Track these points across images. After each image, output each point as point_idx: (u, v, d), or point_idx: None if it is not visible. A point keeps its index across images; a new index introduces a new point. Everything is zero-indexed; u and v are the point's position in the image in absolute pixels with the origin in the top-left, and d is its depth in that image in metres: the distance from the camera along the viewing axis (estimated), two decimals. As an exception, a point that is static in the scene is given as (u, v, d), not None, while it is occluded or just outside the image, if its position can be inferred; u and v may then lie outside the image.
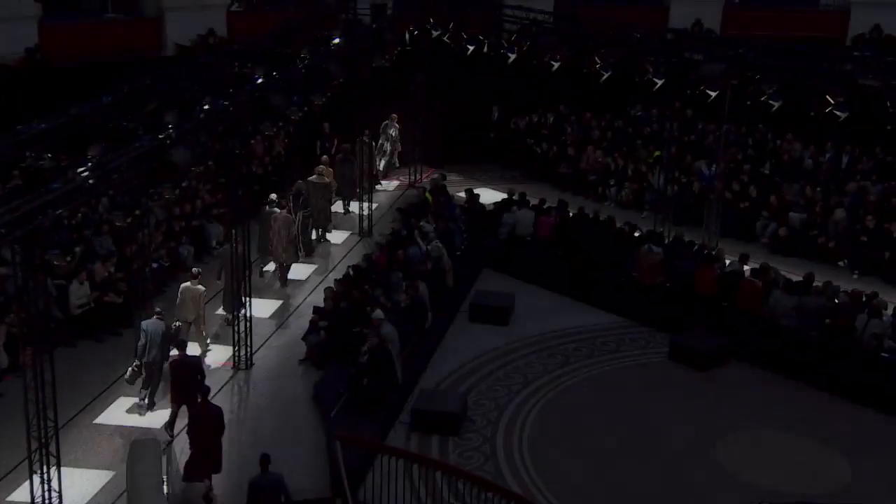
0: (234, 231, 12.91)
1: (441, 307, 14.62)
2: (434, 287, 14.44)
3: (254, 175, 17.75)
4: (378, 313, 12.42)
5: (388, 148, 20.64)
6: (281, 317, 14.79)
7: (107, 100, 12.79)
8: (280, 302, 15.32)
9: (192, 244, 16.16)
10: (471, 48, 18.34)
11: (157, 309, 12.27)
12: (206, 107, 12.19)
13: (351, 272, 14.41)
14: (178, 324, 12.55)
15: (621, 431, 11.95)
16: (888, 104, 13.04)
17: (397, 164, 20.81)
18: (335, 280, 14.38)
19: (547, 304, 15.52)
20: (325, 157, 18.22)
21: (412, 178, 20.83)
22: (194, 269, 13.21)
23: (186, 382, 10.98)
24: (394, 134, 20.53)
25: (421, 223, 15.97)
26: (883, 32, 19.84)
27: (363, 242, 17.69)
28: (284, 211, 15.70)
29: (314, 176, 17.38)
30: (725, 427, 11.96)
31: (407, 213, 16.85)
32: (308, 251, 16.76)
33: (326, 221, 17.72)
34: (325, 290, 13.97)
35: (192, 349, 12.85)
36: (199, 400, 10.47)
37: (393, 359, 12.11)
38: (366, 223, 18.09)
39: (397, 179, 21.18)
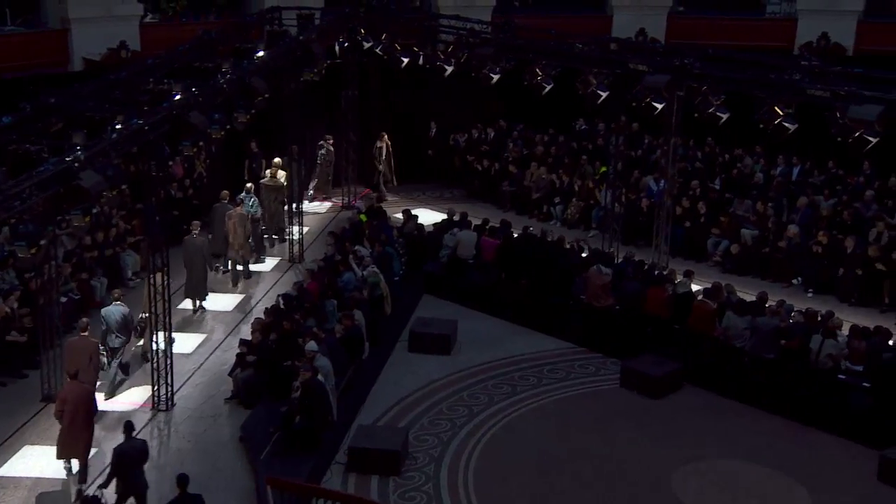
0: (151, 261, 12.72)
1: (379, 337, 14.58)
2: (371, 315, 14.41)
3: (173, 199, 17.56)
4: (311, 345, 12.33)
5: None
6: (204, 352, 14.59)
7: (7, 120, 12.52)
8: (203, 336, 15.11)
9: (105, 276, 15.86)
10: (405, 60, 18.46)
11: (117, 293, 13.37)
12: (118, 126, 12.01)
13: (281, 301, 14.31)
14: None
15: (572, 465, 12.03)
16: (837, 115, 13.48)
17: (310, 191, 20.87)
18: (264, 310, 14.26)
19: (491, 330, 15.60)
20: (277, 159, 18.46)
21: (345, 199, 20.83)
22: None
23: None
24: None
25: (356, 247, 15.95)
26: (830, 41, 20.58)
27: (294, 269, 17.59)
28: (240, 208, 16.83)
29: (266, 178, 17.89)
30: (681, 457, 12.12)
31: (340, 237, 16.80)
32: (259, 251, 17.56)
33: (280, 224, 18.36)
34: (252, 321, 13.80)
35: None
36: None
37: (328, 394, 12.02)
38: (296, 248, 17.99)
39: (329, 201, 21.16)
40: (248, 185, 17.88)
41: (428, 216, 19.97)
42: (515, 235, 17.30)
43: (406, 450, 11.94)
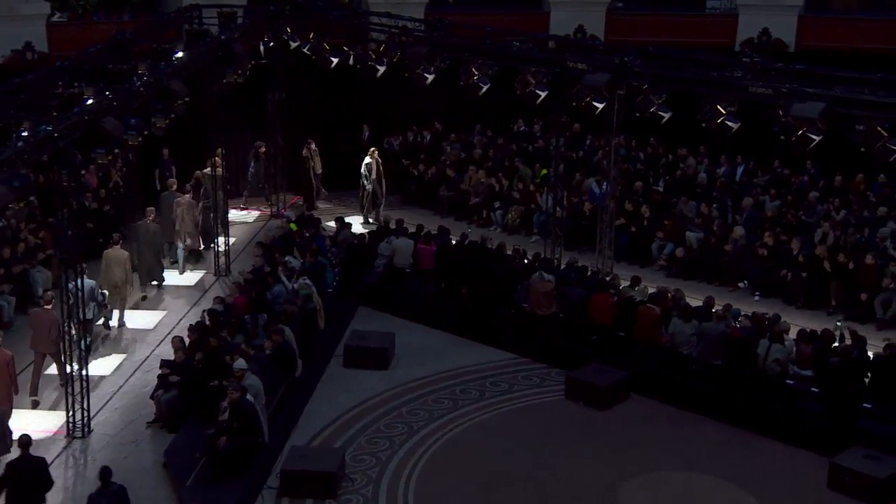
0: (64, 278, 12.44)
1: (312, 352, 14.48)
2: (303, 330, 14.30)
3: (87, 211, 17.23)
4: (239, 363, 12.20)
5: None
6: (124, 373, 14.34)
7: None
8: (122, 356, 14.85)
9: (13, 294, 15.48)
10: (335, 61, 18.40)
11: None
12: (24, 133, 11.73)
13: (206, 317, 14.10)
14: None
15: (517, 482, 12.07)
16: (780, 113, 13.81)
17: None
18: (188, 327, 14.05)
19: (431, 342, 15.61)
20: (219, 149, 18.43)
21: (274, 207, 20.65)
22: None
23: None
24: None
25: (286, 258, 15.83)
26: (771, 37, 21.10)
27: (220, 282, 17.40)
28: (189, 195, 17.88)
29: (207, 168, 18.26)
30: (629, 470, 12.26)
31: (269, 248, 16.67)
32: (207, 242, 18.43)
33: (223, 214, 18.67)
34: (173, 339, 13.61)
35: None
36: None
37: (258, 414, 11.89)
38: (222, 260, 17.78)
39: (257, 209, 20.97)
40: (197, 172, 18.32)
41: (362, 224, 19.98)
42: (454, 242, 17.35)
43: (342, 471, 11.87)
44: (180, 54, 16.14)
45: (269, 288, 15.04)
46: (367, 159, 20.08)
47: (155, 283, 17.07)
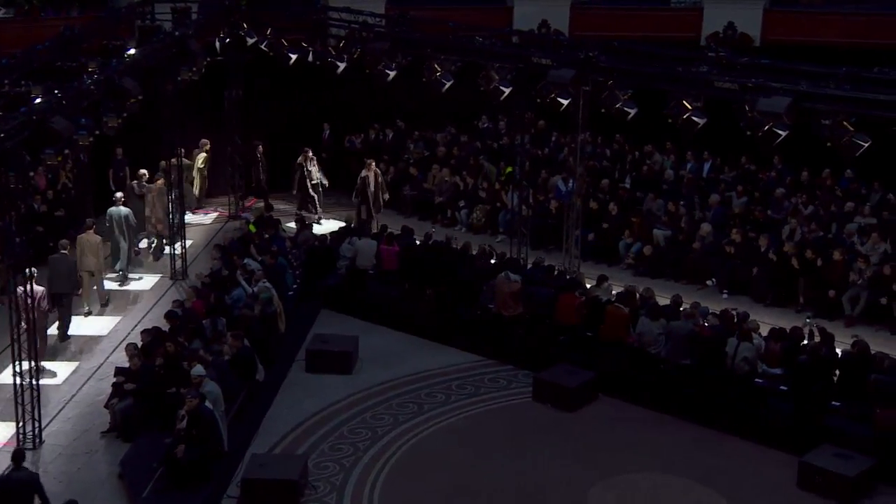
0: (12, 283, 12.26)
1: (273, 357, 14.40)
2: (264, 334, 14.21)
3: (36, 214, 17.01)
4: (198, 369, 12.13)
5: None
6: (76, 381, 14.17)
7: None
8: (75, 363, 14.67)
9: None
10: (293, 57, 18.31)
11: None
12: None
13: (163, 323, 13.97)
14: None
15: (485, 487, 12.08)
16: (746, 108, 13.95)
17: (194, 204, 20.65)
18: (143, 332, 13.90)
19: (395, 345, 15.58)
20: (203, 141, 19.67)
21: (232, 208, 20.52)
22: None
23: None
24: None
25: (245, 261, 15.74)
26: (737, 31, 21.34)
27: (176, 287, 17.25)
28: (159, 182, 18.11)
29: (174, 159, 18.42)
30: (598, 472, 12.31)
31: (227, 250, 16.56)
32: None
33: (190, 204, 19.71)
34: (126, 346, 13.47)
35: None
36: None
37: (217, 422, 11.82)
38: (179, 264, 17.64)
39: (215, 210, 20.84)
40: (162, 163, 18.26)
41: (323, 225, 19.86)
42: (418, 243, 17.35)
43: (305, 479, 11.81)
44: (132, 51, 16.00)
45: (228, 291, 14.94)
46: (364, 172, 19.29)
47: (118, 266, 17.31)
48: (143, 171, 18.61)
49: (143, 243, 18.22)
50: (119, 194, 17.55)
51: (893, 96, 12.83)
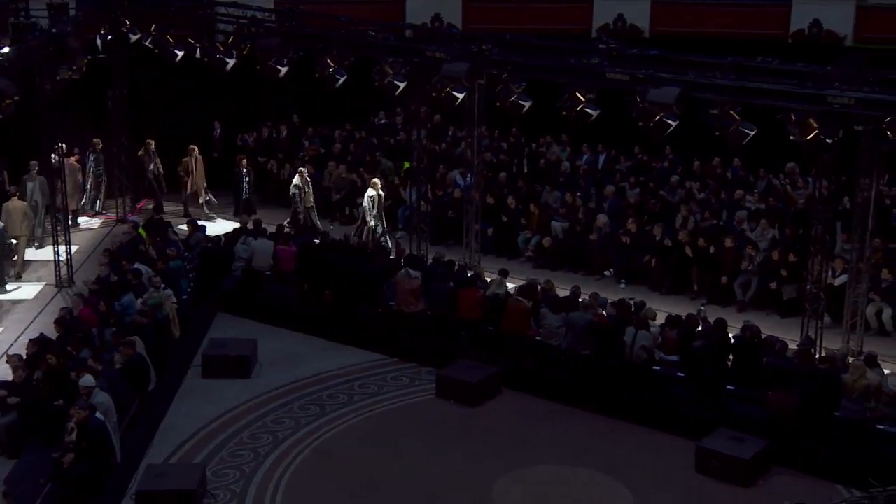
0: None
1: (167, 364, 14.11)
2: (156, 341, 13.90)
3: None
4: (87, 379, 11.82)
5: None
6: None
7: None
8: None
9: None
10: (179, 54, 17.93)
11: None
12: None
13: (49, 332, 13.53)
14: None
15: (390, 487, 12.08)
16: (637, 99, 14.26)
17: (97, 207, 20.22)
18: (29, 342, 13.43)
19: (295, 347, 15.45)
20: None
21: (120, 211, 20.00)
22: None
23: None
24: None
25: (135, 265, 15.37)
26: (627, 23, 21.78)
27: (62, 294, 16.74)
28: (73, 159, 19.01)
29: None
30: (503, 466, 12.43)
31: (116, 255, 16.13)
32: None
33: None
34: (9, 357, 13.01)
35: None
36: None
37: (109, 433, 11.52)
38: (64, 270, 17.10)
39: (102, 215, 20.31)
40: (33, 162, 18.17)
41: (217, 225, 19.55)
42: (315, 242, 17.20)
43: (204, 488, 11.62)
44: (6, 50, 15.41)
45: (118, 298, 14.56)
46: (371, 192, 18.40)
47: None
48: (34, 161, 18.16)
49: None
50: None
51: (777, 85, 13.30)
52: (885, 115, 12.85)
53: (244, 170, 20.26)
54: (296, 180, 19.38)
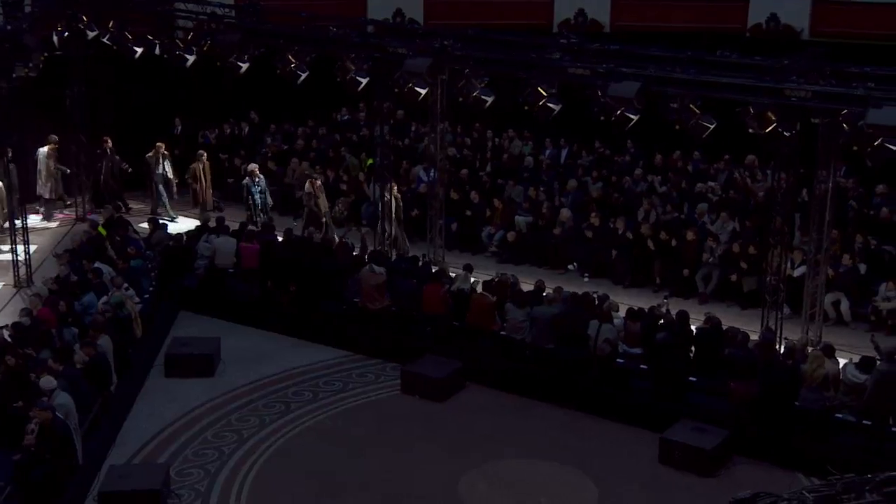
0: None
1: (129, 364, 13.98)
2: (118, 340, 13.77)
3: None
4: (47, 381, 11.67)
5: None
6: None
7: None
8: None
9: None
10: (138, 51, 17.75)
11: None
12: None
13: (6, 333, 13.34)
14: None
15: (355, 484, 12.07)
16: (598, 93, 14.35)
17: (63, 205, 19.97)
18: (-13, 345, 13.24)
19: (259, 345, 15.39)
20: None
21: (80, 210, 19.77)
22: None
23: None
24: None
25: (95, 264, 15.21)
26: (587, 18, 21.89)
27: (21, 294, 16.53)
28: (49, 147, 19.00)
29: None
30: (468, 461, 12.48)
31: (77, 254, 15.94)
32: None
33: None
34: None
35: None
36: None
37: (71, 434, 11.40)
38: (23, 270, 16.88)
39: (61, 213, 20.09)
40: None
41: (179, 223, 19.37)
42: (279, 239, 17.13)
43: (167, 488, 11.57)
44: (-41, 47, 15.18)
45: (79, 298, 14.41)
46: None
47: None
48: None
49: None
50: None
51: (736, 79, 13.44)
52: (842, 108, 13.01)
53: (256, 179, 18.97)
54: (307, 188, 18.56)
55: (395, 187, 17.83)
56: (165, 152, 19.87)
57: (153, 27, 17.89)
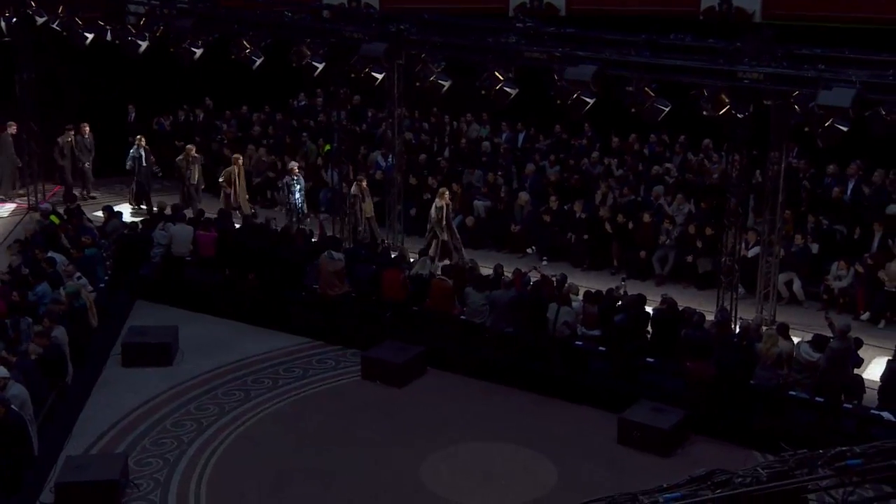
0: None
1: (85, 354, 13.84)
2: (73, 330, 13.61)
3: None
4: (1, 371, 11.46)
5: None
6: None
7: None
8: None
9: None
10: (89, 37, 17.49)
11: None
12: None
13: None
14: None
15: (316, 471, 12.05)
16: (555, 77, 14.39)
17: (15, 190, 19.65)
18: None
19: (217, 333, 15.32)
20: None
21: (32, 199, 19.50)
22: None
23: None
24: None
25: (48, 254, 14.99)
26: (543, 1, 21.89)
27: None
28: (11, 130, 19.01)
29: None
30: (430, 446, 12.50)
31: (29, 243, 15.70)
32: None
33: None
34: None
35: None
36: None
37: (26, 426, 11.25)
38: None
39: (12, 202, 19.81)
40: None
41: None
42: (237, 226, 17.02)
43: (126, 478, 11.46)
44: None
45: (32, 288, 14.20)
46: (438, 202, 17.01)
47: None
48: None
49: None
50: None
51: (689, 62, 13.54)
52: (793, 90, 13.18)
53: (294, 178, 18.25)
54: (353, 189, 17.41)
55: (447, 192, 17.14)
56: (196, 155, 19.17)
57: (104, 12, 17.66)
